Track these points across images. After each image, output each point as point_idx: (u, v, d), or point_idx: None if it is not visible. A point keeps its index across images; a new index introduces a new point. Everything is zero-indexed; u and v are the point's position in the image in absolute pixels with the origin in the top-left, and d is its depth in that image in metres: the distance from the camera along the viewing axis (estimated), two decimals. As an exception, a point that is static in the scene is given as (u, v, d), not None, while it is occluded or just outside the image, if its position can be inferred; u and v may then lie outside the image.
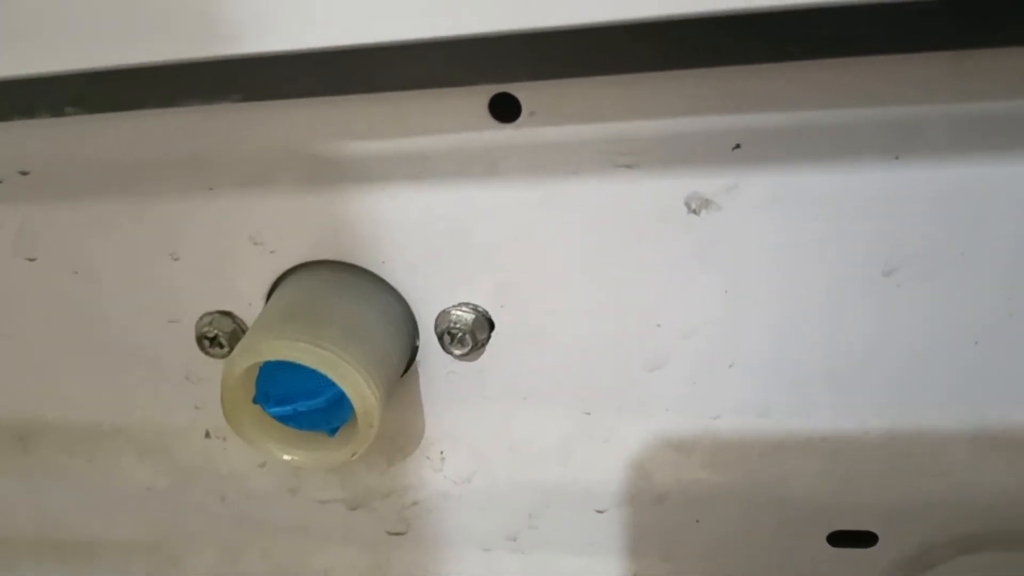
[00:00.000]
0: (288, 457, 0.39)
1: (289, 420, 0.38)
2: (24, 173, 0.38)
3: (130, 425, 0.47)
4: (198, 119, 0.35)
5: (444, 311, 0.40)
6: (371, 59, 0.30)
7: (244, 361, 0.35)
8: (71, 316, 0.43)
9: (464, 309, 0.39)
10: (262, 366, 0.37)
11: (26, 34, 0.30)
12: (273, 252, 0.39)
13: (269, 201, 0.37)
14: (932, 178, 0.34)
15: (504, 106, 0.33)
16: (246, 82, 0.31)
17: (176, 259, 0.40)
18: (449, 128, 0.34)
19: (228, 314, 0.41)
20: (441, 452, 0.45)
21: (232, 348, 0.41)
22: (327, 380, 0.35)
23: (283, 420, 0.38)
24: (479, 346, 0.40)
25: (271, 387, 0.37)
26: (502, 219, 0.37)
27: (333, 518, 0.47)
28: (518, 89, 0.33)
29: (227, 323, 0.41)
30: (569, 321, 0.40)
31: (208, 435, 0.47)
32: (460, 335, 0.39)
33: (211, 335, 0.41)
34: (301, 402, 0.37)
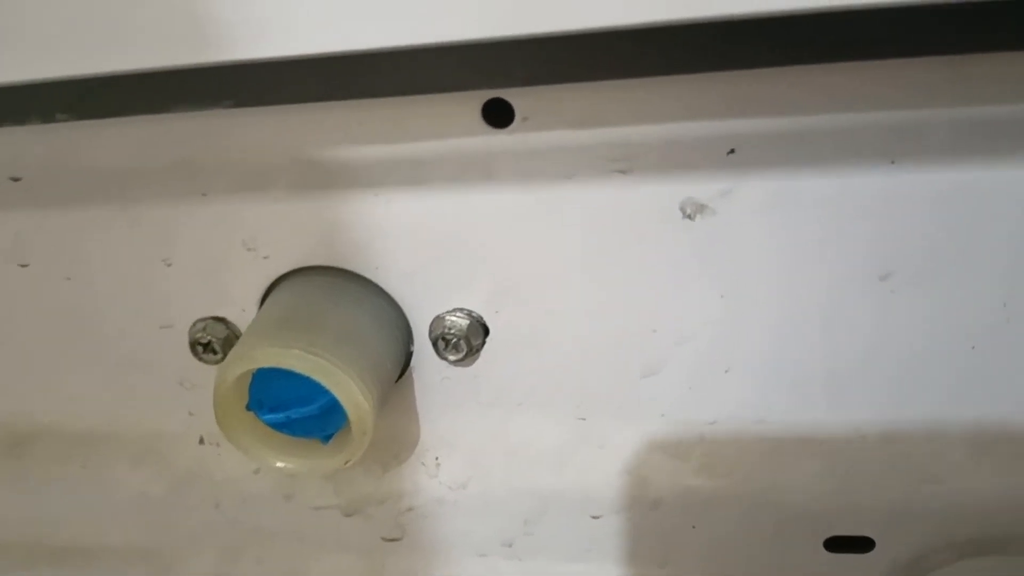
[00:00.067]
0: (282, 464, 0.38)
1: (282, 427, 0.38)
2: (15, 179, 0.38)
3: (123, 431, 0.47)
4: (190, 125, 0.35)
5: (438, 316, 0.40)
6: (363, 65, 0.30)
7: (237, 368, 0.35)
8: (64, 322, 0.43)
9: (458, 314, 0.39)
10: (255, 373, 0.36)
11: (16, 41, 0.30)
12: (266, 258, 0.39)
13: (262, 207, 0.37)
14: (928, 183, 0.34)
15: (497, 111, 0.33)
16: (238, 88, 0.31)
17: (169, 265, 0.40)
18: (442, 134, 0.34)
19: (221, 320, 0.41)
20: (436, 458, 0.45)
21: (225, 354, 0.40)
22: (320, 387, 0.35)
23: (276, 427, 0.38)
24: (474, 352, 0.40)
25: (264, 394, 0.37)
26: (496, 225, 0.37)
27: (328, 524, 0.47)
28: (511, 94, 0.33)
29: (220, 329, 0.41)
30: (564, 326, 0.39)
31: (202, 441, 0.46)
32: (454, 341, 0.39)
33: (204, 341, 0.41)
34: (294, 409, 0.37)
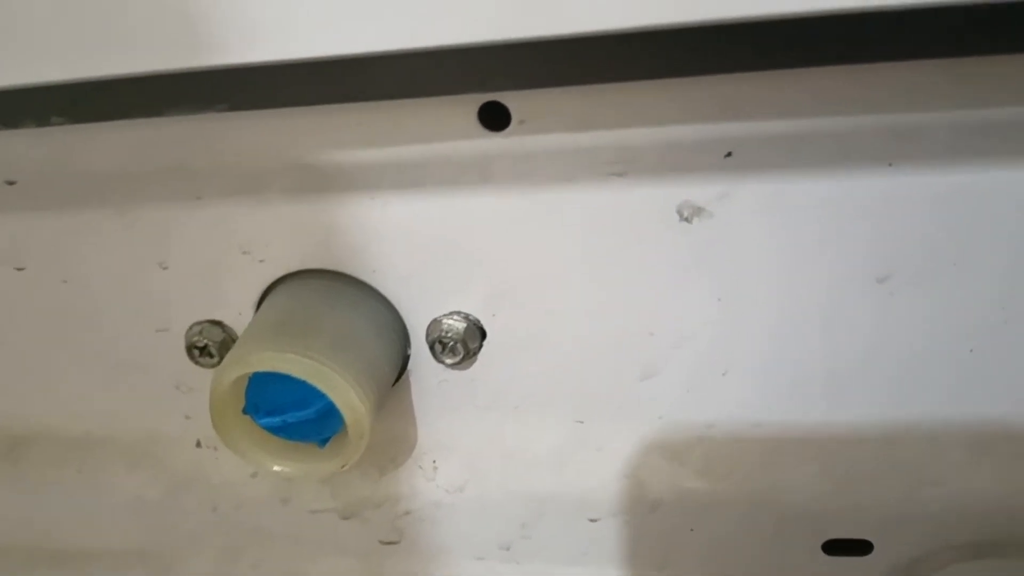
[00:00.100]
0: (278, 468, 0.38)
1: (279, 431, 0.37)
2: (11, 183, 0.38)
3: (120, 435, 0.47)
4: (186, 129, 0.35)
5: (435, 320, 0.39)
6: (359, 68, 0.30)
7: (233, 372, 0.35)
8: (60, 325, 0.43)
9: (455, 318, 0.39)
10: (251, 377, 0.36)
11: (11, 44, 0.29)
12: (262, 261, 0.39)
13: (258, 210, 0.37)
14: (926, 185, 0.34)
15: (494, 115, 0.33)
16: (233, 92, 0.31)
17: (165, 268, 0.40)
18: (438, 137, 0.34)
19: (218, 323, 0.41)
20: (433, 461, 0.45)
21: (222, 357, 0.40)
22: (317, 391, 0.35)
23: (273, 431, 0.38)
24: (471, 355, 0.40)
25: (261, 398, 0.37)
26: (493, 228, 0.37)
27: (325, 527, 0.47)
28: (507, 98, 0.32)
29: (217, 332, 0.41)
30: (562, 329, 0.39)
31: (199, 444, 0.46)
32: (451, 344, 0.39)
33: (201, 344, 0.41)
34: (291, 413, 0.37)
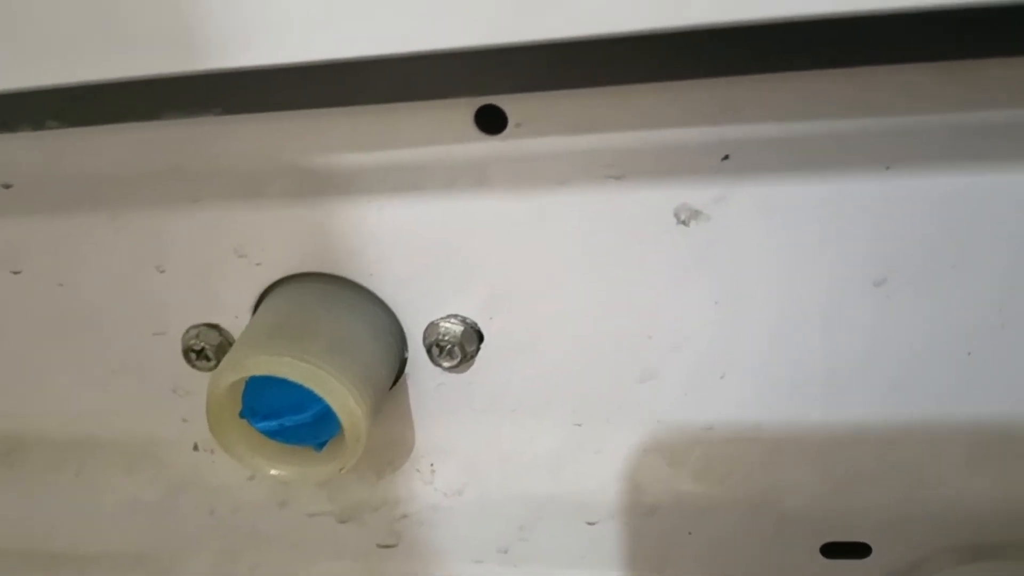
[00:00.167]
0: (275, 472, 0.38)
1: (276, 435, 0.37)
2: (7, 186, 0.38)
3: (117, 438, 0.47)
4: (182, 132, 0.34)
5: (432, 323, 0.39)
6: (355, 72, 0.30)
7: (229, 376, 0.35)
8: (57, 329, 0.43)
9: (453, 321, 0.39)
10: (248, 380, 0.36)
11: (7, 49, 0.29)
12: (259, 264, 0.39)
13: (254, 213, 0.37)
14: (923, 188, 0.34)
15: (490, 118, 0.33)
16: (227, 96, 0.30)
17: (162, 271, 0.39)
18: (435, 140, 0.34)
19: (215, 326, 0.41)
20: (431, 464, 0.45)
21: (219, 361, 0.40)
22: (314, 394, 0.35)
23: (270, 435, 0.37)
24: (468, 358, 0.40)
25: (257, 401, 0.37)
26: (490, 231, 0.36)
27: (323, 531, 0.47)
28: (504, 101, 0.32)
29: (214, 336, 0.41)
30: (559, 332, 0.39)
31: (196, 448, 0.46)
32: (449, 347, 0.39)
33: (198, 348, 0.41)
34: (288, 417, 0.36)
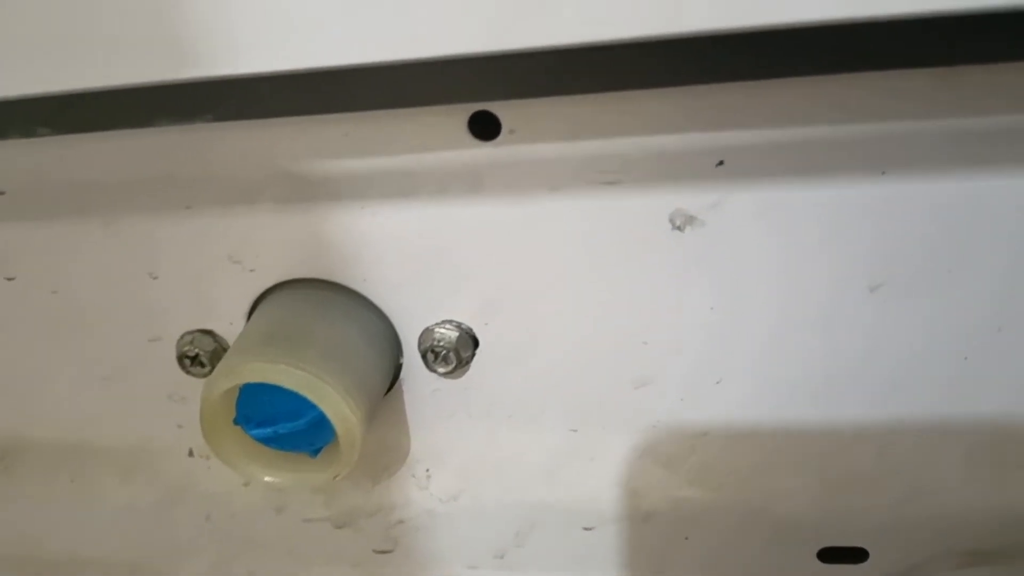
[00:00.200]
0: (270, 479, 0.38)
1: (270, 441, 0.37)
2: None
3: (112, 444, 0.46)
4: (174, 139, 0.34)
5: (427, 329, 0.39)
6: (348, 79, 0.29)
7: (223, 383, 0.35)
8: (51, 335, 0.42)
9: (448, 327, 0.39)
10: (242, 387, 0.36)
11: (-3, 56, 0.29)
12: (253, 271, 0.38)
13: (247, 220, 0.37)
14: (919, 193, 0.33)
15: (484, 124, 0.33)
16: (219, 103, 0.30)
17: (155, 278, 0.39)
18: (428, 147, 0.34)
19: (209, 333, 0.41)
20: (427, 470, 0.44)
21: (213, 367, 0.40)
22: (308, 401, 0.35)
23: (264, 441, 0.37)
24: (463, 364, 0.40)
25: (252, 408, 0.37)
26: (485, 236, 0.36)
27: (319, 537, 0.47)
28: (498, 107, 0.32)
29: (208, 342, 0.41)
30: (554, 338, 0.39)
31: (191, 454, 0.46)
32: (444, 353, 0.39)
33: (192, 354, 0.41)
34: (282, 424, 0.36)
